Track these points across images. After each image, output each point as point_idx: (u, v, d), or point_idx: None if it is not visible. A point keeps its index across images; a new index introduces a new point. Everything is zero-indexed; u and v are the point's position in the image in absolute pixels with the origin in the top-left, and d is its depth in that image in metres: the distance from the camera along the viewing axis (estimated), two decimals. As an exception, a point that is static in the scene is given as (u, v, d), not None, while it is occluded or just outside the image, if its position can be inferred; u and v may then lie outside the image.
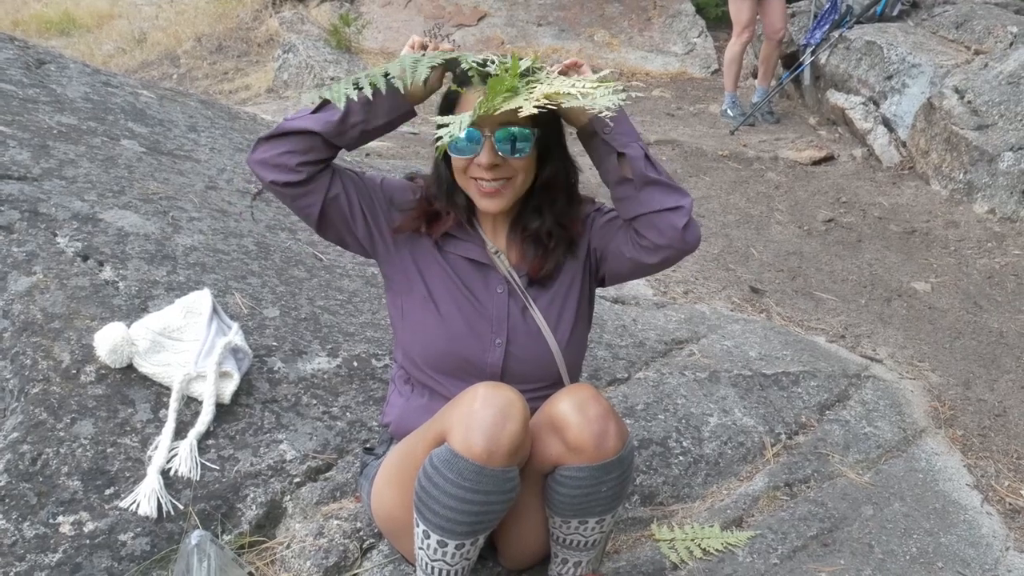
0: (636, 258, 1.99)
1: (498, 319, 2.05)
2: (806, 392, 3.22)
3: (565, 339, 2.08)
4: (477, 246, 2.08)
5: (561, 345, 2.07)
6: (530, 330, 2.06)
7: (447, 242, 2.07)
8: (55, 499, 2.11)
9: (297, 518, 2.29)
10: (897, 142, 6.23)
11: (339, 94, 1.85)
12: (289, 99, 7.30)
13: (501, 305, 2.06)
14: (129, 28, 10.06)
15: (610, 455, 1.87)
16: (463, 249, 2.07)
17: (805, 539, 2.52)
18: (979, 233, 5.04)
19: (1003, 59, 5.96)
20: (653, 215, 1.92)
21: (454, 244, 2.08)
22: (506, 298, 2.06)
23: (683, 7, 9.72)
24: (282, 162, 1.92)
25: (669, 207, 1.92)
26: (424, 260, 2.08)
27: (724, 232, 4.96)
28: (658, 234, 1.93)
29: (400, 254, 2.08)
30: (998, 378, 3.65)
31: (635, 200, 1.94)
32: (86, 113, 3.85)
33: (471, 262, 2.07)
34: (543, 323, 2.06)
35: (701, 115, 7.60)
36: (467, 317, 2.04)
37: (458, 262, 2.07)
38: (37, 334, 2.45)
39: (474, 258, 2.07)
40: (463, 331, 2.03)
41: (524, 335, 2.05)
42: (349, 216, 2.03)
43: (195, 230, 3.16)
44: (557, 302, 2.09)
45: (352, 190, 2.02)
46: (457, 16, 9.47)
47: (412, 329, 2.09)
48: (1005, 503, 2.87)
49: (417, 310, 2.07)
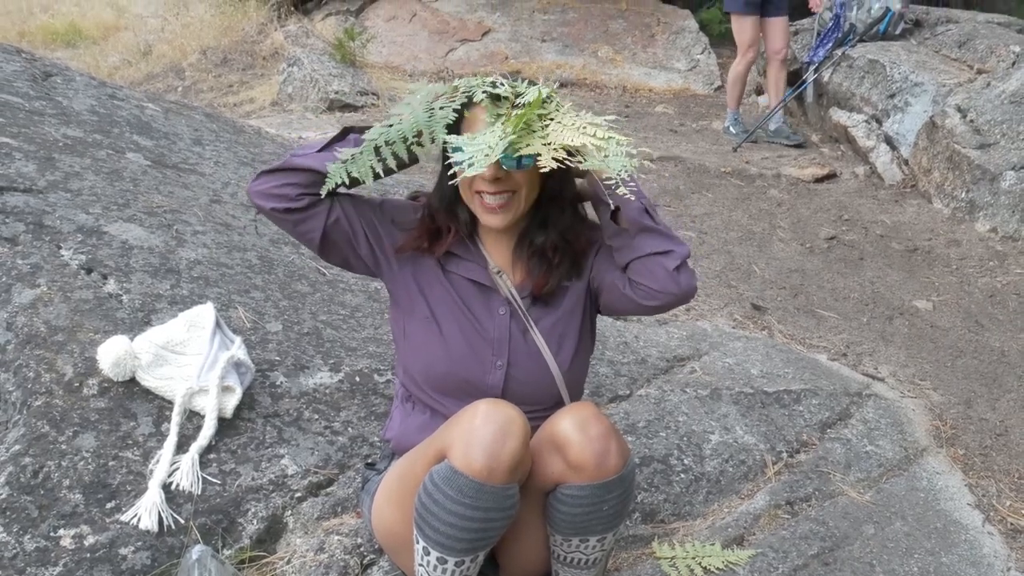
0: (632, 299, 2.01)
1: (499, 341, 2.05)
2: (807, 410, 3.22)
3: (567, 361, 2.08)
4: (480, 266, 2.08)
5: (562, 368, 2.07)
6: (531, 352, 2.06)
7: (450, 261, 2.08)
8: (56, 512, 2.11)
9: (298, 533, 2.29)
10: (899, 160, 6.24)
11: (365, 169, 1.88)
12: (293, 112, 7.31)
13: (503, 327, 2.06)
14: (135, 40, 10.09)
15: (611, 474, 1.87)
16: (465, 269, 2.07)
17: (806, 558, 2.52)
18: (981, 252, 5.05)
19: (1005, 78, 5.98)
20: (645, 258, 1.95)
21: (456, 263, 2.08)
22: (508, 320, 2.06)
23: (687, 24, 9.76)
24: (282, 192, 1.96)
25: (660, 251, 1.94)
26: (427, 280, 2.08)
27: (726, 249, 4.96)
28: (651, 278, 1.95)
29: (403, 273, 2.09)
30: (1000, 397, 3.65)
31: (629, 247, 1.96)
32: (92, 126, 3.86)
33: (474, 283, 2.08)
34: (544, 346, 2.06)
35: (704, 132, 7.61)
36: (468, 338, 2.05)
37: (461, 283, 2.08)
38: (40, 347, 2.46)
39: (476, 279, 2.07)
40: (464, 352, 2.04)
41: (525, 357, 2.06)
42: (352, 239, 2.04)
43: (199, 244, 3.17)
44: (560, 324, 2.09)
45: (353, 212, 2.03)
46: (461, 31, 9.50)
47: (413, 349, 2.09)
48: (1007, 523, 2.86)
49: (419, 330, 2.07)
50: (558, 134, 1.75)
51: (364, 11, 9.85)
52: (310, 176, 1.95)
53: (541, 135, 1.76)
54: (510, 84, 1.85)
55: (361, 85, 7.65)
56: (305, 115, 7.21)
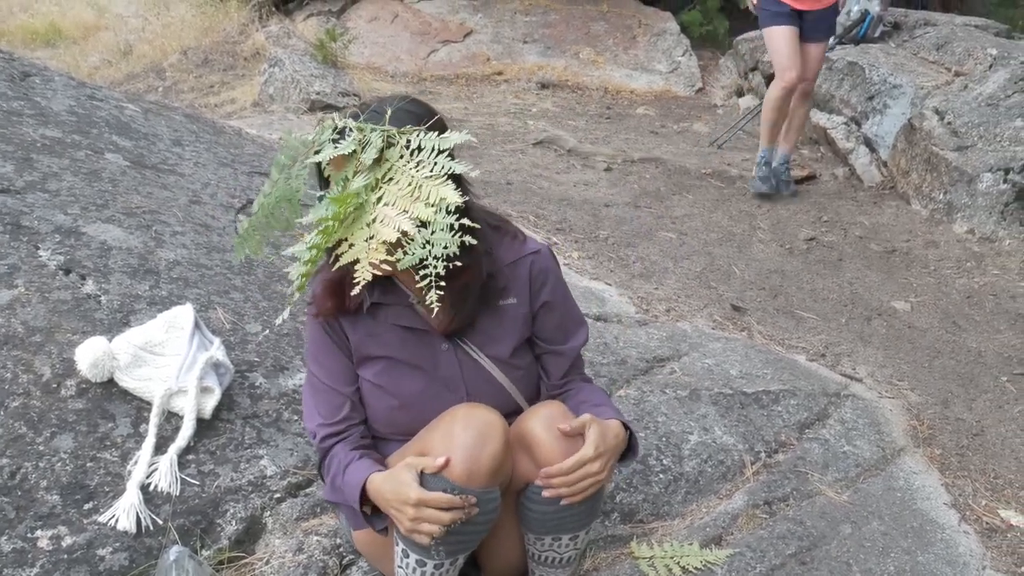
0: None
1: (453, 378, 2.00)
2: (786, 411, 3.24)
3: (518, 373, 2.05)
4: (406, 308, 1.99)
5: (516, 381, 2.05)
6: (486, 378, 2.02)
7: (379, 312, 1.99)
8: (33, 513, 2.10)
9: (277, 534, 2.29)
10: (878, 162, 6.29)
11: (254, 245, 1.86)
12: (275, 113, 7.29)
13: (451, 363, 2.00)
14: (115, 40, 10.04)
15: None
16: (395, 316, 1.99)
17: (783, 557, 2.54)
18: (958, 253, 5.09)
19: (983, 81, 6.03)
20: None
21: (385, 312, 1.99)
22: (453, 354, 2.01)
23: (668, 26, 9.79)
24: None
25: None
26: (366, 344, 2.00)
27: (706, 250, 4.99)
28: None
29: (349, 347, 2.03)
30: (976, 397, 3.68)
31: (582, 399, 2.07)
32: (70, 126, 3.85)
33: (406, 328, 2.00)
34: (493, 367, 2.02)
35: (685, 133, 7.64)
36: (422, 388, 2.00)
37: (395, 332, 1.99)
38: (18, 347, 2.45)
39: (408, 325, 1.99)
40: (423, 400, 1.99)
41: (482, 382, 2.01)
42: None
43: (178, 244, 3.16)
44: (495, 331, 2.03)
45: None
46: (443, 32, 9.51)
47: (372, 409, 2.04)
48: (982, 522, 2.89)
49: (372, 392, 2.02)
50: (385, 220, 1.65)
51: (346, 12, 9.83)
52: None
53: (367, 219, 1.67)
54: (358, 128, 1.75)
55: (343, 86, 7.64)
56: (286, 116, 7.19)
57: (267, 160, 4.44)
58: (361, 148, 1.72)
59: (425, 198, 1.63)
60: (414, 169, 1.68)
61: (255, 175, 4.16)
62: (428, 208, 1.62)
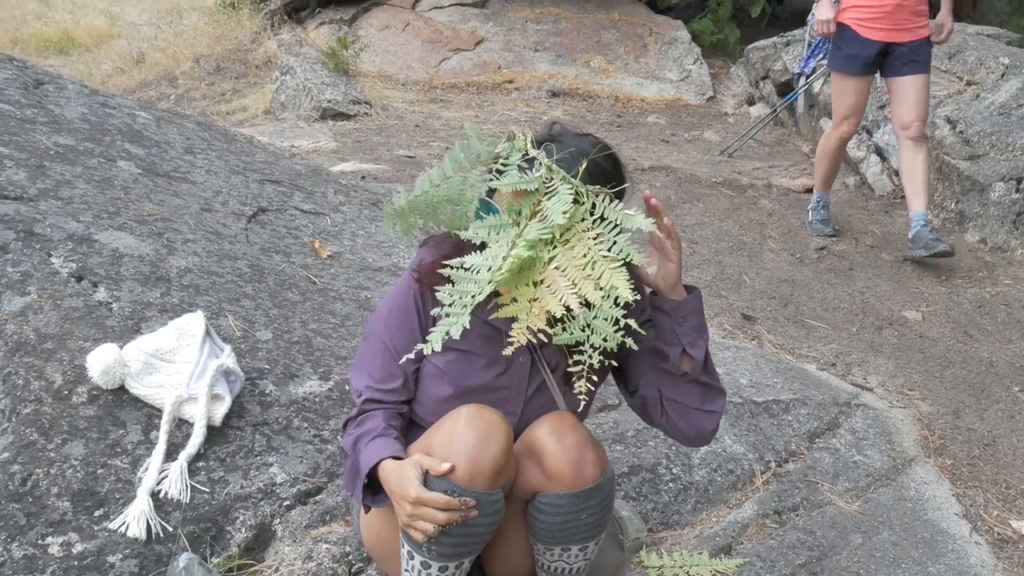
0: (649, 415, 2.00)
1: (517, 391, 1.99)
2: (796, 420, 3.23)
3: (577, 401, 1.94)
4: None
5: (570, 407, 2.02)
6: (544, 403, 2.00)
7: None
8: (44, 520, 2.11)
9: (286, 541, 2.30)
10: (889, 171, 6.27)
11: (407, 225, 1.80)
12: (286, 121, 7.33)
13: (521, 376, 1.99)
14: (128, 48, 10.12)
15: (588, 483, 1.86)
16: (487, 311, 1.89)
17: (793, 567, 2.53)
18: (970, 262, 5.07)
19: (995, 90, 6.02)
20: (688, 408, 1.94)
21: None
22: (527, 368, 1.99)
23: (679, 34, 9.81)
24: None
25: (706, 409, 1.94)
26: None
27: (717, 259, 4.98)
28: (684, 423, 1.95)
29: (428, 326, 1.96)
30: (988, 407, 3.67)
31: (678, 387, 1.94)
32: (83, 134, 3.86)
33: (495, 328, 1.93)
34: (558, 394, 2.00)
35: (695, 142, 7.64)
36: (481, 387, 1.97)
37: (482, 327, 1.93)
38: (30, 354, 2.46)
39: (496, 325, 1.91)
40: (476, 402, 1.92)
41: (539, 406, 2.00)
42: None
43: (189, 252, 3.17)
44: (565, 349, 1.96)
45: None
46: (454, 41, 9.54)
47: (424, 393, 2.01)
48: (994, 533, 2.87)
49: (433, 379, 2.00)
50: (553, 287, 1.54)
51: (357, 20, 9.88)
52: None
53: (535, 276, 1.56)
54: (548, 167, 1.65)
55: (354, 94, 7.68)
56: (298, 123, 7.22)
57: (278, 168, 4.46)
58: (546, 193, 1.62)
59: (596, 278, 1.53)
60: (592, 240, 1.56)
61: (266, 183, 4.17)
62: (597, 292, 1.52)
